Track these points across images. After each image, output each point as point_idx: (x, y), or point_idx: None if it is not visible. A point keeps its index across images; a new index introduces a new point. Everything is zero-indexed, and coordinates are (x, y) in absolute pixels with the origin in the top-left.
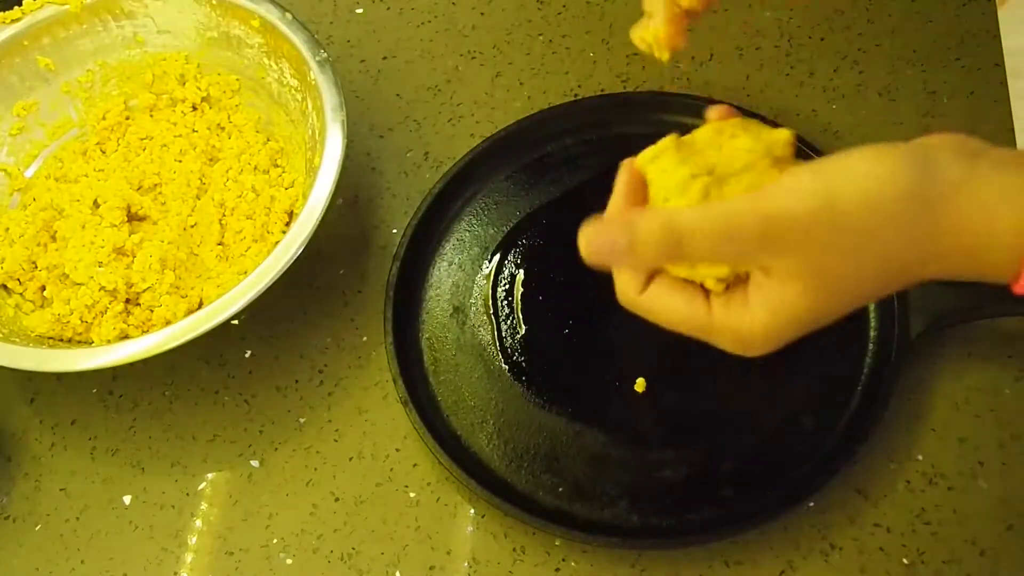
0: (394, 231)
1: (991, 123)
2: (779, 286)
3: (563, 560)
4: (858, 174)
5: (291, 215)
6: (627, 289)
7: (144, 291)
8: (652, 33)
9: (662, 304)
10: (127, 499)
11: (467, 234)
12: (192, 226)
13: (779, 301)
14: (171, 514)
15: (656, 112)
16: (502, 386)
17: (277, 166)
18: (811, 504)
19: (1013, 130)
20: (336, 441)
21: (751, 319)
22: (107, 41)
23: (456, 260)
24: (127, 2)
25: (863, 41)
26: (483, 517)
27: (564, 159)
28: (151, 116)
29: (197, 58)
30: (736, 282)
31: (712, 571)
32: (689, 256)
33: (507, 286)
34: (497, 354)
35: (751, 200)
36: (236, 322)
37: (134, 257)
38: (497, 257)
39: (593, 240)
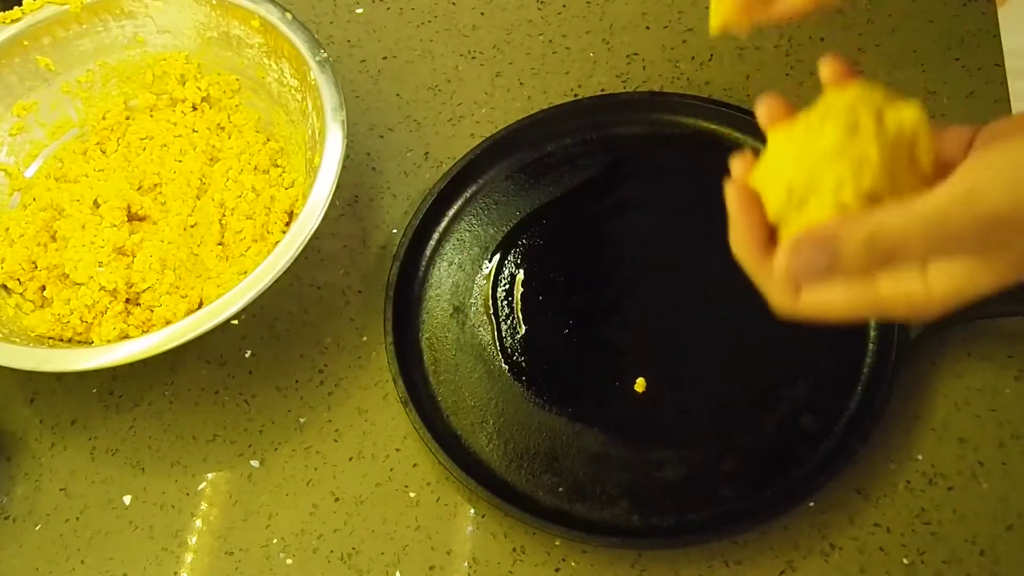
0: (394, 231)
1: None
2: (976, 267)
3: (563, 560)
4: None
5: (291, 215)
6: (783, 299)
7: (144, 291)
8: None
9: (824, 301)
10: (127, 499)
11: (467, 234)
12: (192, 226)
13: (967, 281)
14: (171, 514)
15: (656, 112)
16: (502, 386)
17: (277, 166)
18: (811, 504)
19: None
20: (336, 441)
21: (928, 291)
22: (107, 41)
23: (456, 260)
24: (127, 2)
25: (863, 41)
26: (483, 517)
27: (564, 159)
28: (151, 116)
29: (197, 58)
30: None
31: (712, 571)
32: (898, 260)
33: (507, 286)
34: (497, 354)
35: (960, 200)
36: (236, 322)
37: (134, 257)
38: (497, 257)
39: (794, 261)
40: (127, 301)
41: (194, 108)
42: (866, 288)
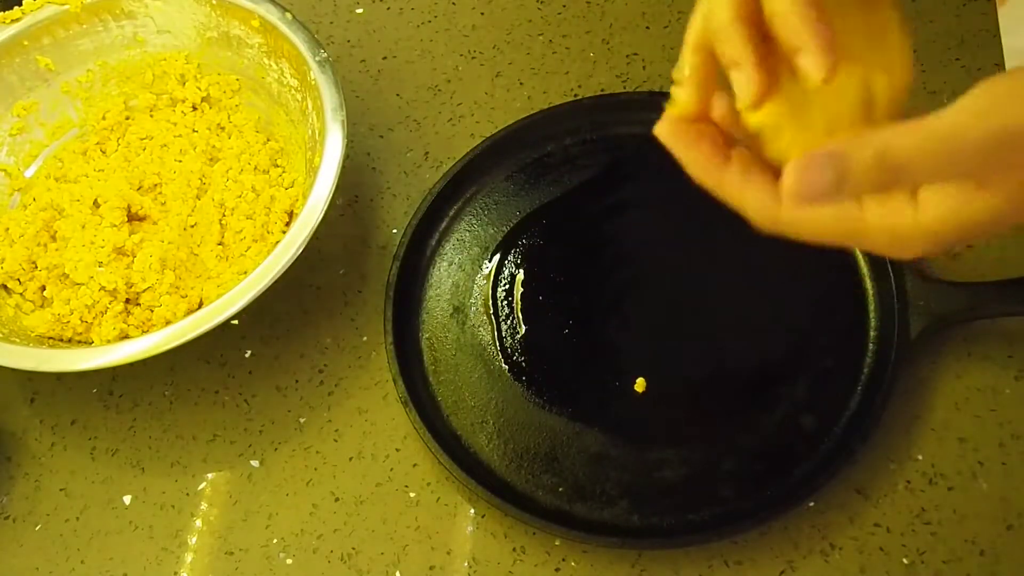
0: (394, 231)
1: None
2: (971, 195)
3: (563, 560)
4: None
5: (291, 215)
6: (766, 208)
7: (144, 291)
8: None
9: (808, 219)
10: (127, 499)
11: (467, 234)
12: (192, 226)
13: (960, 209)
14: (171, 514)
15: (656, 112)
16: (502, 386)
17: (277, 166)
18: (811, 504)
19: None
20: (336, 441)
21: (916, 219)
22: (107, 41)
23: (456, 260)
24: (127, 2)
25: None
26: (483, 517)
27: (564, 159)
28: (151, 116)
29: (197, 58)
30: None
31: (712, 571)
32: (904, 182)
33: (507, 286)
34: (497, 354)
35: (976, 114)
36: (236, 322)
37: (134, 257)
38: (497, 257)
39: (803, 178)
40: (127, 301)
41: (194, 108)
42: (852, 212)
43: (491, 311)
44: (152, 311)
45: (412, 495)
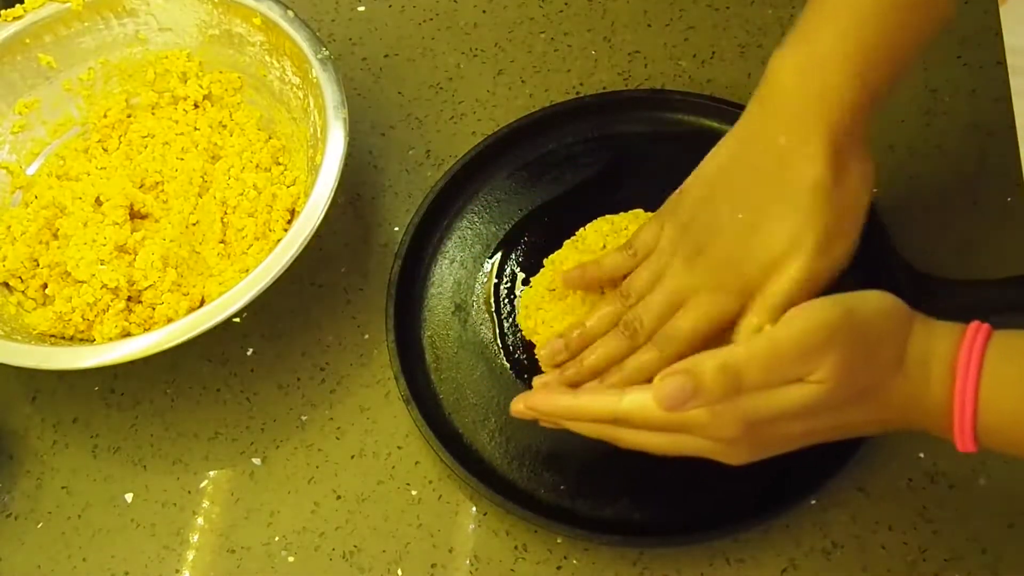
0: (396, 229)
1: (993, 121)
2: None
3: (565, 558)
4: (871, 296)
5: (293, 213)
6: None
7: (146, 289)
8: None
9: (644, 406)
10: (129, 497)
11: (469, 232)
12: (194, 224)
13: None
14: (173, 512)
15: (658, 110)
16: (504, 384)
17: (279, 164)
18: (813, 502)
19: (1015, 128)
20: (338, 439)
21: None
22: (109, 39)
23: (458, 258)
24: (129, 0)
25: None
26: (485, 515)
27: (566, 157)
28: (153, 114)
29: (199, 56)
30: None
31: (714, 569)
32: (745, 386)
33: (509, 284)
34: (499, 352)
35: (785, 325)
36: (238, 320)
37: (136, 255)
38: (499, 255)
39: (667, 392)
40: (129, 299)
41: (196, 106)
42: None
43: (493, 309)
44: (154, 309)
45: (414, 493)
